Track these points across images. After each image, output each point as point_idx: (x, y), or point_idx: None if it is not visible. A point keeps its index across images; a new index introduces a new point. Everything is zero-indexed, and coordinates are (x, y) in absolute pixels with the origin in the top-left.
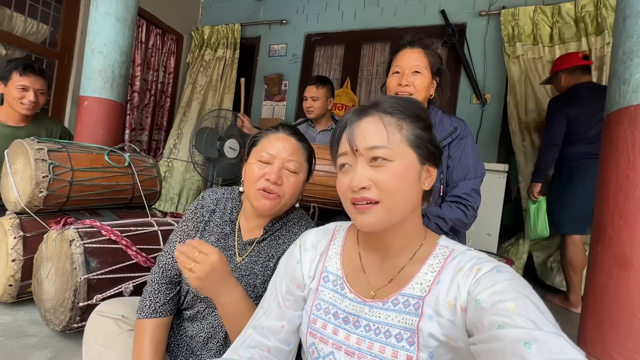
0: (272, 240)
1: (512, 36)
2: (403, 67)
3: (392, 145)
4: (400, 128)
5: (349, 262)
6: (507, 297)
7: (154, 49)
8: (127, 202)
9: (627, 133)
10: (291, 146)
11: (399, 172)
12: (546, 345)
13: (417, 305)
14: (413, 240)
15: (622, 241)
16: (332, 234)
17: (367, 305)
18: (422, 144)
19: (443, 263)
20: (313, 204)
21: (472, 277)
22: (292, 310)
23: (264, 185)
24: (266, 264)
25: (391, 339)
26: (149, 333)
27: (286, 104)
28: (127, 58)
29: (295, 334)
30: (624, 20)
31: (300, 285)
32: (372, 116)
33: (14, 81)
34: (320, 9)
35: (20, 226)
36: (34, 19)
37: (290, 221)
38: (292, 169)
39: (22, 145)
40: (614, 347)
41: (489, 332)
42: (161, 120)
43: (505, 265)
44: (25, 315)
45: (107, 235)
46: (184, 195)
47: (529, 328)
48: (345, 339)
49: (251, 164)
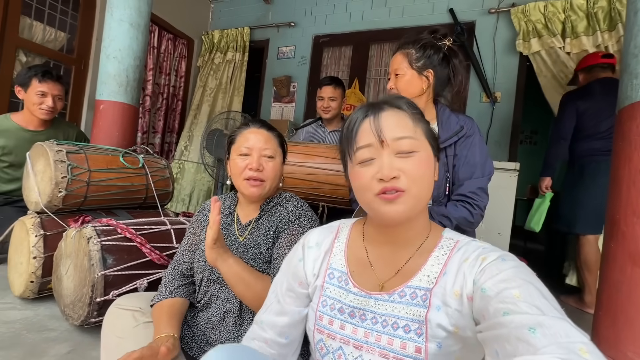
0: (269, 216)
1: (526, 32)
2: (390, 72)
3: (417, 135)
4: (417, 122)
5: (354, 257)
6: (512, 284)
7: (166, 54)
8: (141, 202)
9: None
10: (263, 137)
11: (424, 162)
12: (551, 329)
13: (425, 297)
14: (421, 232)
15: (635, 238)
16: (337, 231)
17: (372, 298)
18: (433, 139)
19: (449, 254)
20: (322, 203)
21: (477, 267)
22: (293, 306)
23: (249, 174)
24: (267, 233)
25: (399, 331)
26: (165, 309)
27: (295, 106)
28: (141, 63)
29: (295, 328)
30: (635, 13)
31: (302, 283)
32: (391, 110)
33: (33, 87)
34: (328, 11)
35: (41, 225)
36: (52, 27)
37: (283, 199)
38: (268, 154)
39: (42, 147)
40: (629, 346)
41: (495, 319)
42: (173, 123)
43: (510, 254)
44: (45, 310)
45: (123, 233)
46: (194, 195)
47: (533, 314)
48: (353, 333)
49: (234, 159)
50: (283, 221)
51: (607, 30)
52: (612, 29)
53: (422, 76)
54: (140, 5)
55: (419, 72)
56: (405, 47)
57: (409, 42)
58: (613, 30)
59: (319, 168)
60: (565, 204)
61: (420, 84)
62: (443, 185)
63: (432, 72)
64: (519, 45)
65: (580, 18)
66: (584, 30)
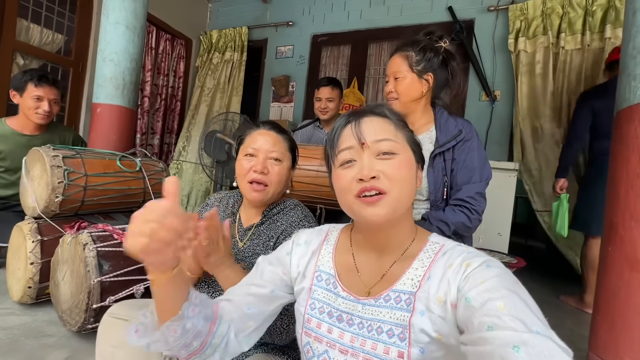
0: (271, 224)
1: (518, 31)
2: (388, 75)
3: (398, 139)
4: (399, 129)
5: (341, 262)
6: (497, 294)
7: (164, 54)
8: (139, 205)
9: (638, 130)
10: (272, 139)
11: (404, 164)
12: (535, 348)
13: (409, 301)
14: (406, 237)
15: (633, 242)
16: (326, 235)
17: (360, 303)
18: (415, 145)
19: (433, 258)
20: (320, 206)
21: (461, 273)
22: (268, 282)
23: (253, 176)
24: (267, 244)
25: (383, 336)
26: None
27: (294, 105)
28: (137, 65)
29: (262, 302)
30: (633, 14)
31: (285, 272)
32: (373, 116)
33: (29, 92)
34: (326, 10)
35: (38, 230)
36: (50, 29)
37: (287, 207)
38: (275, 157)
39: (38, 152)
40: (627, 350)
41: (479, 334)
42: (172, 124)
43: (495, 259)
44: (43, 316)
45: (119, 238)
46: (192, 196)
47: (518, 330)
48: (339, 337)
49: (239, 159)
50: (285, 232)
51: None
52: (618, 27)
53: (422, 79)
54: (136, 7)
55: (419, 76)
56: (404, 49)
57: (407, 44)
58: (618, 28)
59: (316, 170)
60: (584, 204)
61: (420, 88)
62: (441, 190)
63: (432, 76)
64: (510, 45)
65: (579, 16)
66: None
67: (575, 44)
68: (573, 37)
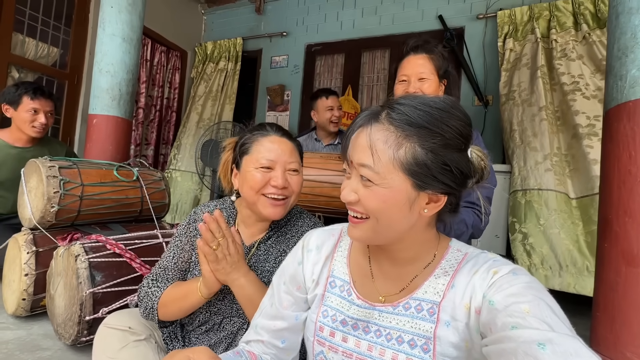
0: (280, 237)
1: (506, 34)
2: (409, 75)
3: (377, 168)
4: (398, 146)
5: (356, 267)
6: (522, 299)
7: (159, 66)
8: (136, 215)
9: (627, 128)
10: (288, 148)
11: (380, 197)
12: (561, 347)
13: (432, 311)
14: (424, 250)
15: (628, 237)
16: (339, 236)
17: (376, 310)
18: (421, 170)
19: (457, 267)
20: (318, 214)
21: (488, 280)
22: (290, 310)
23: (271, 191)
24: (279, 259)
25: (404, 346)
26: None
27: (289, 114)
28: (133, 76)
29: (293, 333)
30: (617, 17)
31: (301, 287)
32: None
33: (24, 105)
34: (319, 20)
35: (33, 241)
36: (45, 43)
37: (294, 216)
38: (293, 167)
39: (35, 164)
40: (628, 345)
41: (502, 333)
42: (167, 135)
43: (522, 268)
44: (39, 329)
45: (112, 249)
46: (180, 204)
47: (543, 329)
48: (356, 346)
49: (249, 171)
50: None
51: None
52: (602, 27)
53: (441, 84)
54: (132, 20)
55: (440, 80)
56: (431, 52)
57: (432, 49)
58: (603, 28)
59: (312, 180)
60: None
61: (439, 93)
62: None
63: (445, 82)
64: (499, 47)
65: (567, 17)
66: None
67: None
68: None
